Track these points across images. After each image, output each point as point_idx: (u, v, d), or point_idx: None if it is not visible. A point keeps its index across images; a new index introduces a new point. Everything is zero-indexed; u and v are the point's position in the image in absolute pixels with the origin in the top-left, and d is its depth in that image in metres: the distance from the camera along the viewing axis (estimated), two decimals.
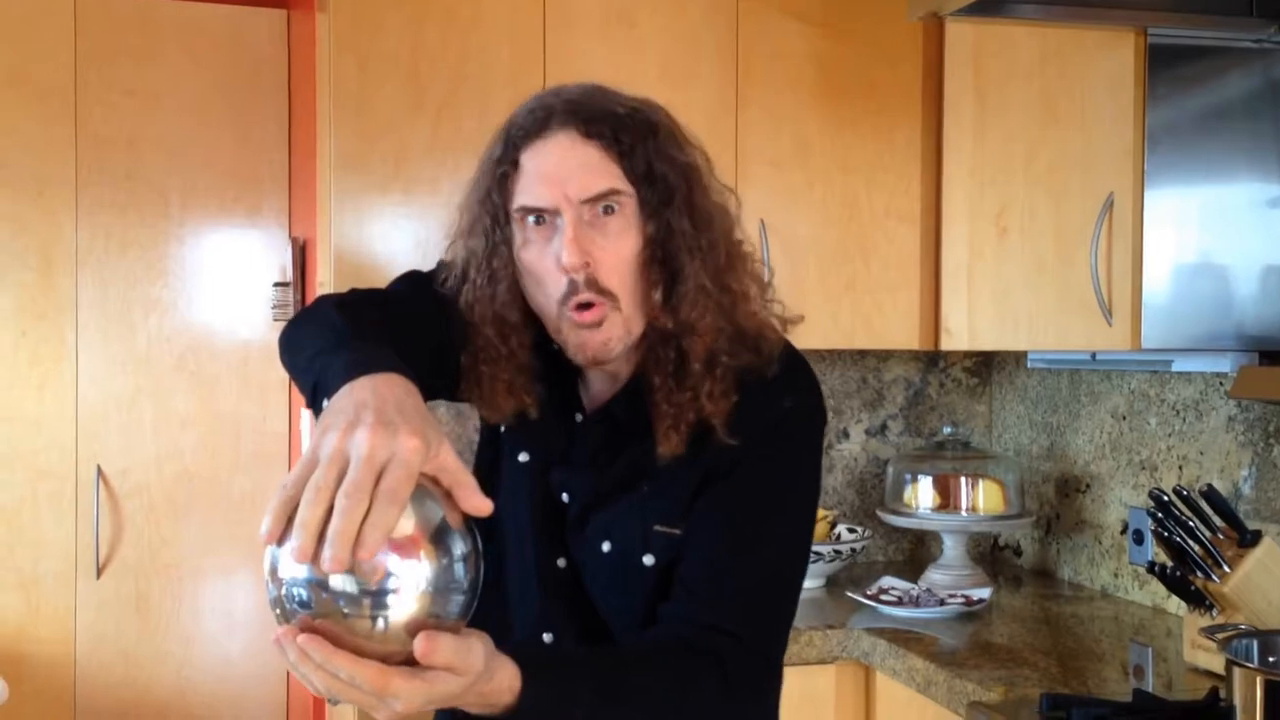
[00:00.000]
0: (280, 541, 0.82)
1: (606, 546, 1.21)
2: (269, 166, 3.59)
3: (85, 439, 3.46)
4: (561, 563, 1.24)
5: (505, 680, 0.94)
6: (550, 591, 1.24)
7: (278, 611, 0.85)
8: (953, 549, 2.62)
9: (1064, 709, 1.69)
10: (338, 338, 1.03)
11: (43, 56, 3.41)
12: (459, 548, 0.86)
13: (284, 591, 0.83)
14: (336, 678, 0.82)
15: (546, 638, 1.24)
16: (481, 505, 0.87)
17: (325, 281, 2.50)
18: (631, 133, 1.14)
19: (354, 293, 1.22)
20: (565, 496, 1.24)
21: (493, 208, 1.17)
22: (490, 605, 0.97)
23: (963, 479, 2.60)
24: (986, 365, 3.02)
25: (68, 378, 3.46)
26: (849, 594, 2.45)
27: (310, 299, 2.96)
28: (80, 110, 3.44)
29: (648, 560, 1.19)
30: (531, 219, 1.15)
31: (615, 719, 1.05)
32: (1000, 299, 2.40)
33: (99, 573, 3.46)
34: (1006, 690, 1.85)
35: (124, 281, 3.51)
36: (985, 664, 2.00)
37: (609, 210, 1.13)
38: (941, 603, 2.38)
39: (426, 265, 2.55)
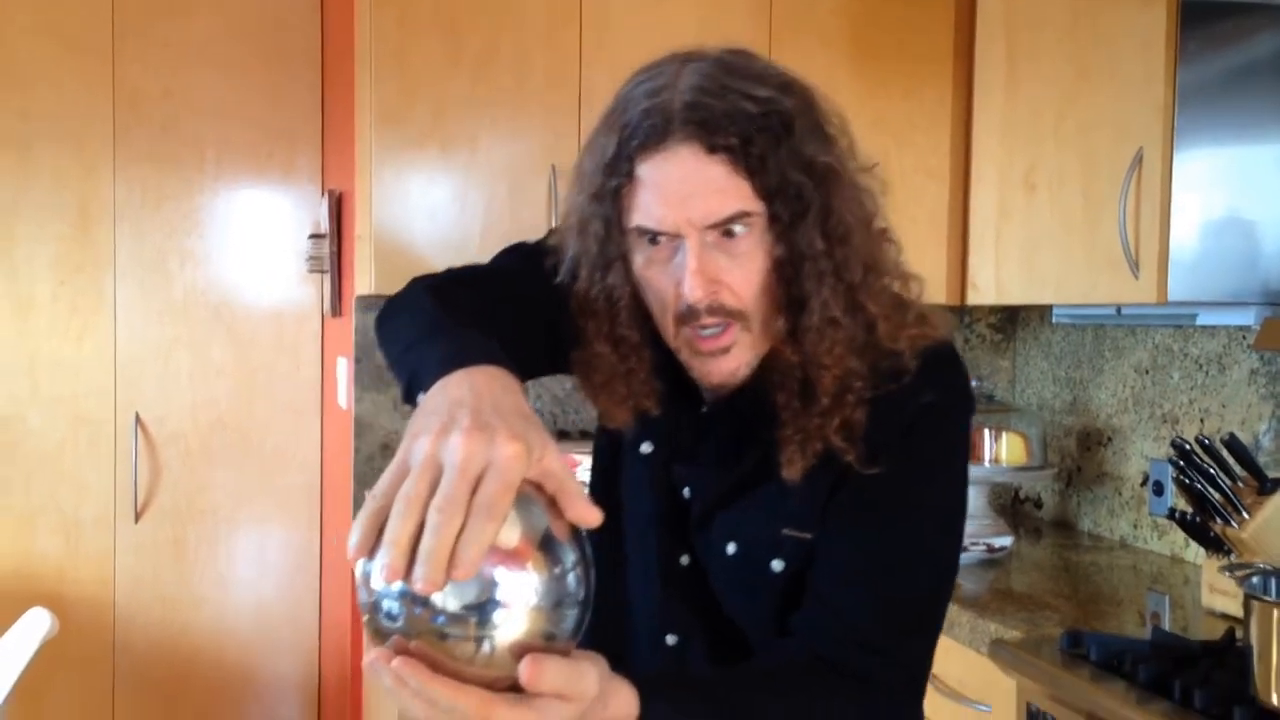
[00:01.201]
0: (371, 554, 0.74)
1: (732, 548, 1.12)
2: (302, 120, 3.64)
3: (124, 387, 3.54)
4: (685, 560, 1.16)
5: (623, 706, 0.85)
6: (673, 590, 1.17)
7: (366, 618, 0.77)
8: (975, 499, 2.68)
9: (1084, 645, 1.75)
10: (432, 325, 0.95)
11: (80, 10, 3.46)
12: (569, 558, 0.77)
13: (375, 602, 0.75)
14: (435, 705, 0.74)
15: (670, 640, 1.16)
16: (589, 515, 0.77)
17: (363, 234, 2.56)
18: (763, 139, 0.99)
19: (450, 272, 1.12)
20: (687, 492, 1.16)
21: (605, 217, 1.05)
22: (610, 607, 0.90)
23: (986, 431, 2.65)
24: (1011, 321, 3.07)
25: (106, 327, 3.53)
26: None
27: (346, 251, 3.02)
28: (118, 64, 3.50)
29: (776, 565, 1.10)
30: (649, 238, 1.04)
31: None
32: (1028, 255, 2.44)
33: (137, 517, 3.55)
34: (1028, 630, 1.91)
35: (160, 233, 3.58)
36: (1007, 607, 2.06)
37: (735, 231, 1.01)
38: (964, 549, 2.44)
39: (464, 220, 2.61)
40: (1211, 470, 1.94)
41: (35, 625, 2.41)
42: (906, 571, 1.07)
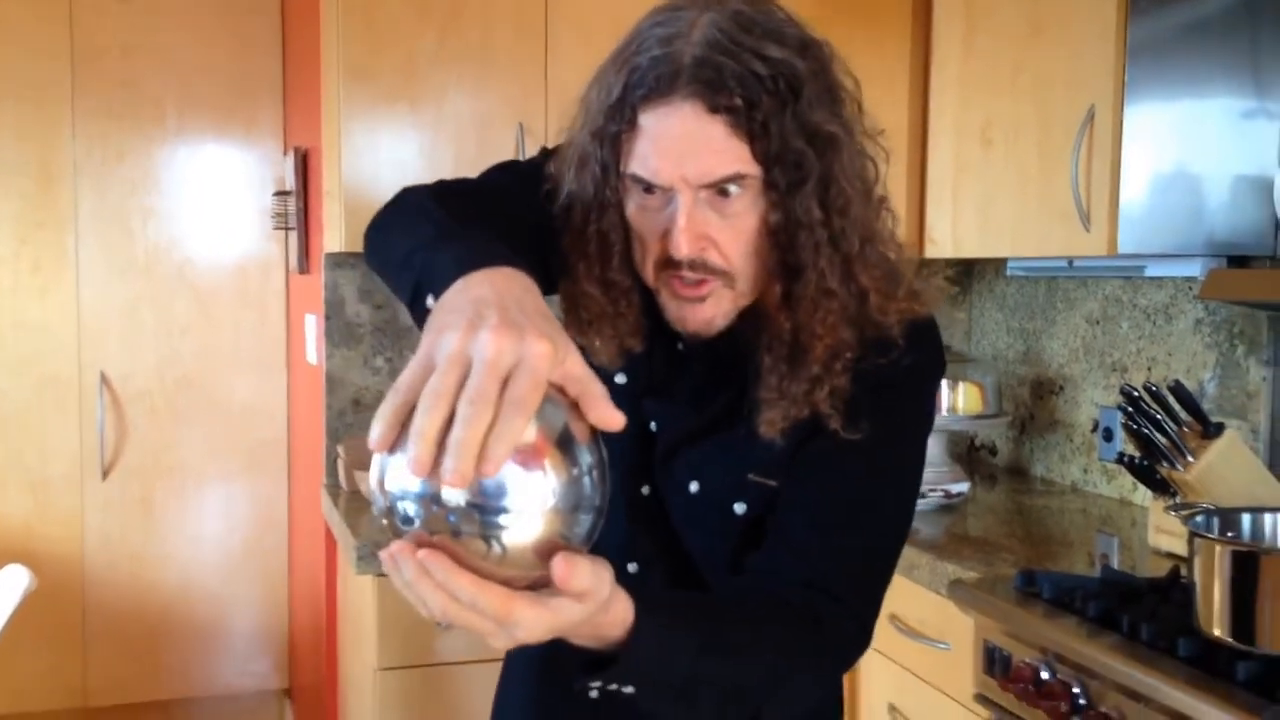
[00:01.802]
0: (391, 450, 0.74)
1: (695, 487, 1.14)
2: (263, 76, 3.63)
3: (88, 345, 3.55)
4: (645, 490, 1.16)
5: (620, 613, 0.86)
6: (635, 519, 1.17)
7: (385, 523, 0.76)
8: (933, 447, 2.75)
9: (1037, 584, 1.84)
10: (438, 230, 0.94)
11: None
12: (587, 461, 0.77)
13: (392, 505, 0.75)
14: (456, 599, 0.74)
15: (631, 568, 1.17)
16: (613, 418, 0.77)
17: (332, 191, 2.58)
18: (768, 102, 0.98)
19: (441, 184, 1.11)
20: (654, 426, 1.16)
21: (603, 160, 1.05)
22: None
23: (944, 381, 2.72)
24: (967, 274, 3.14)
25: (69, 285, 3.53)
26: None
27: (313, 209, 3.03)
28: (75, 18, 3.47)
29: (739, 508, 1.12)
30: (642, 186, 1.04)
31: (718, 670, 0.96)
32: (983, 208, 2.51)
33: (105, 475, 3.57)
34: (984, 570, 1.99)
35: (121, 190, 3.57)
36: (964, 549, 2.15)
37: (730, 190, 1.01)
38: (922, 496, 2.52)
39: (433, 175, 2.63)
40: (1159, 416, 2.02)
41: (13, 581, 2.44)
42: (870, 523, 1.10)
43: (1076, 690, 1.65)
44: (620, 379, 1.17)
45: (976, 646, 1.88)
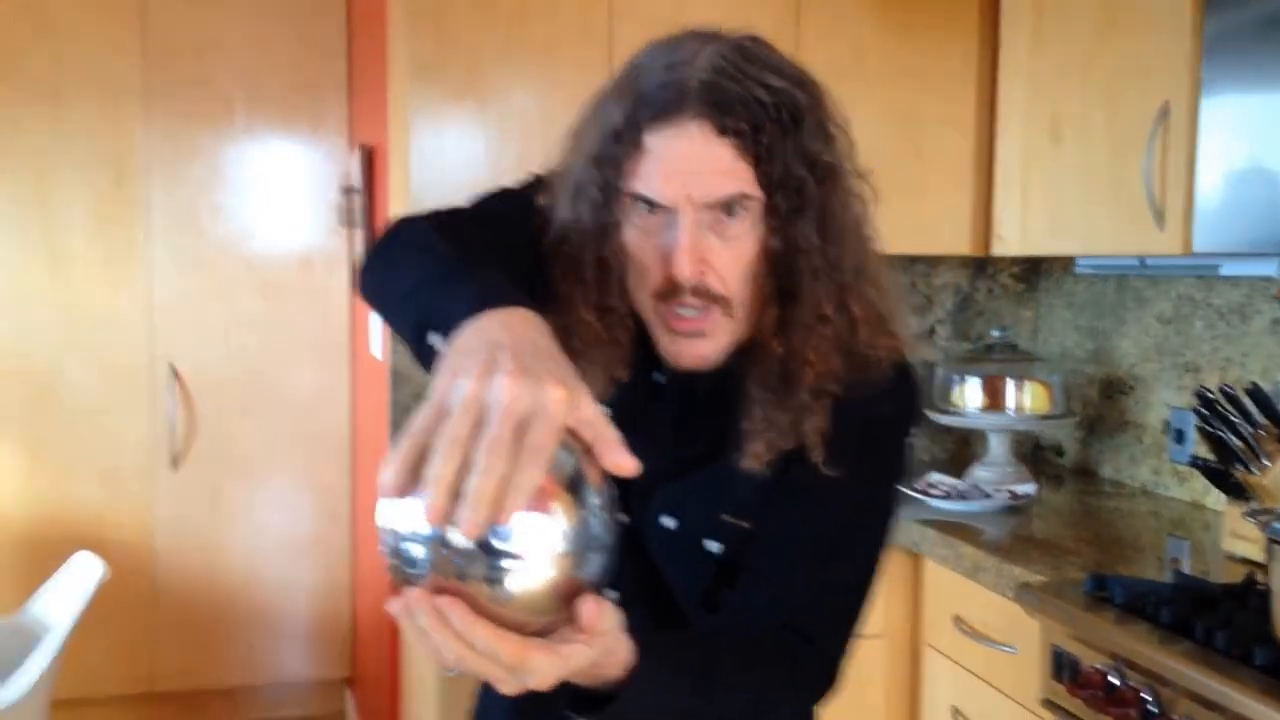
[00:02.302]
0: (403, 494, 0.73)
1: (670, 523, 1.14)
2: (329, 74, 3.68)
3: (158, 338, 3.62)
4: (622, 518, 1.17)
5: (621, 653, 0.86)
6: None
7: (392, 564, 0.76)
8: (998, 447, 2.73)
9: (1108, 588, 1.81)
10: (443, 266, 0.93)
11: None
12: (596, 503, 0.77)
13: (398, 545, 0.74)
14: (472, 648, 0.74)
15: (611, 595, 1.20)
16: (627, 464, 0.77)
17: (399, 189, 2.60)
18: (772, 129, 1.01)
19: (437, 214, 1.11)
20: None
21: (604, 181, 1.05)
22: None
23: (1009, 380, 2.69)
24: (1034, 272, 3.10)
25: (140, 278, 3.60)
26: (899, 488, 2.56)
27: (380, 206, 3.06)
28: (148, 18, 3.53)
29: (712, 547, 1.12)
30: (644, 206, 1.04)
31: (703, 710, 0.99)
32: (1053, 205, 2.47)
33: (174, 465, 3.63)
34: (1053, 574, 1.97)
35: (191, 186, 3.63)
36: (1031, 551, 2.12)
37: (732, 212, 1.02)
38: (988, 496, 2.49)
39: (499, 173, 2.64)
40: (1234, 418, 1.98)
41: (86, 570, 2.49)
42: (846, 565, 1.11)
43: (1147, 697, 1.62)
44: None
45: (1044, 651, 1.86)
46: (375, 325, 3.14)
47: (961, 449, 3.12)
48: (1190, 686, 1.54)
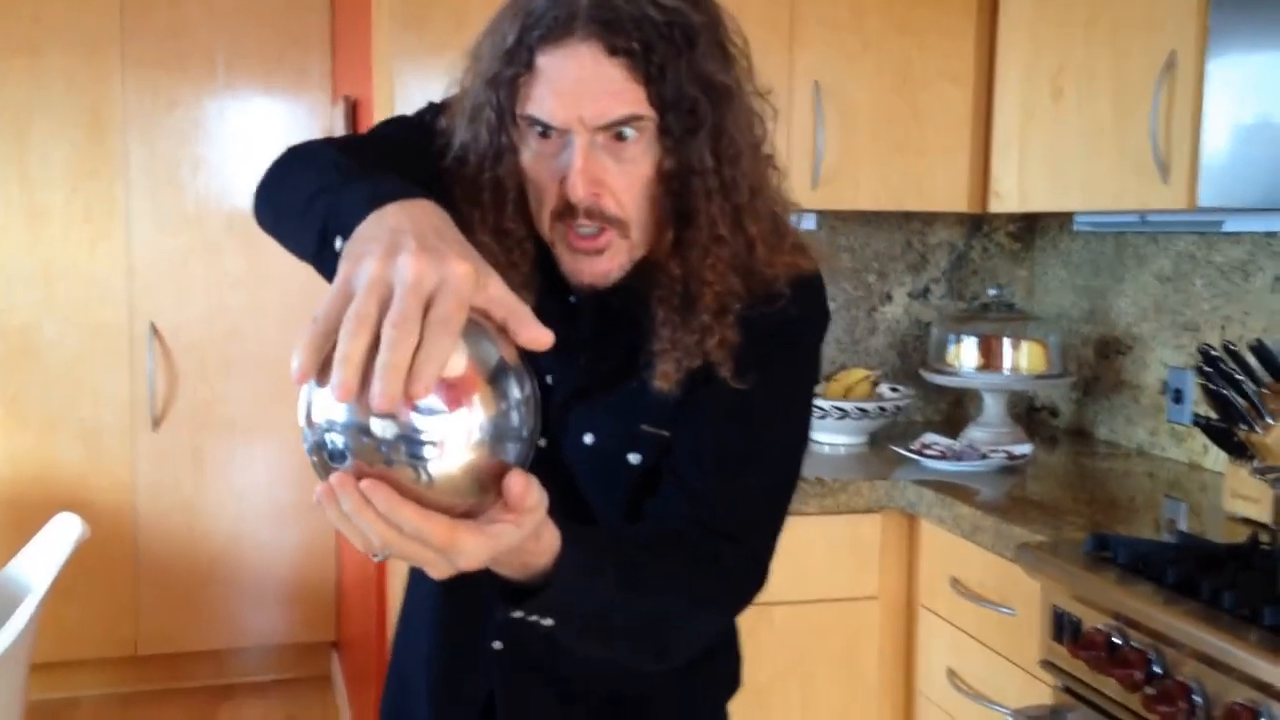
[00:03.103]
0: (318, 381, 0.73)
1: (589, 439, 1.14)
2: (313, 25, 3.59)
3: (138, 295, 3.55)
4: (542, 442, 1.13)
5: (548, 540, 0.88)
6: (537, 473, 1.16)
7: (314, 459, 0.75)
8: (993, 407, 2.70)
9: (1109, 548, 1.78)
10: (343, 174, 0.92)
11: None
12: (515, 390, 0.76)
13: (320, 438, 0.74)
14: (399, 531, 0.73)
15: None
16: (542, 337, 0.77)
17: None
18: (664, 48, 1.00)
19: (330, 140, 1.11)
20: (549, 379, 1.15)
21: (498, 103, 1.03)
22: None
23: (1006, 339, 2.65)
24: (1029, 230, 3.06)
25: (119, 235, 3.53)
26: (893, 448, 2.52)
27: None
28: None
29: (633, 459, 1.14)
30: (538, 129, 1.02)
31: (632, 602, 1.00)
32: (1053, 160, 2.42)
33: (155, 425, 3.58)
34: (1052, 534, 1.93)
35: (171, 140, 3.55)
36: (1029, 512, 2.09)
37: (625, 135, 1.01)
38: (984, 457, 2.46)
39: None
40: (1238, 376, 1.95)
41: (66, 530, 2.44)
42: (762, 465, 1.13)
43: (1151, 658, 1.59)
44: None
45: (1044, 612, 1.83)
46: None
47: (955, 409, 3.09)
48: (1197, 647, 1.51)
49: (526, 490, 0.78)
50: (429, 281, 0.71)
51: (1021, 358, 2.65)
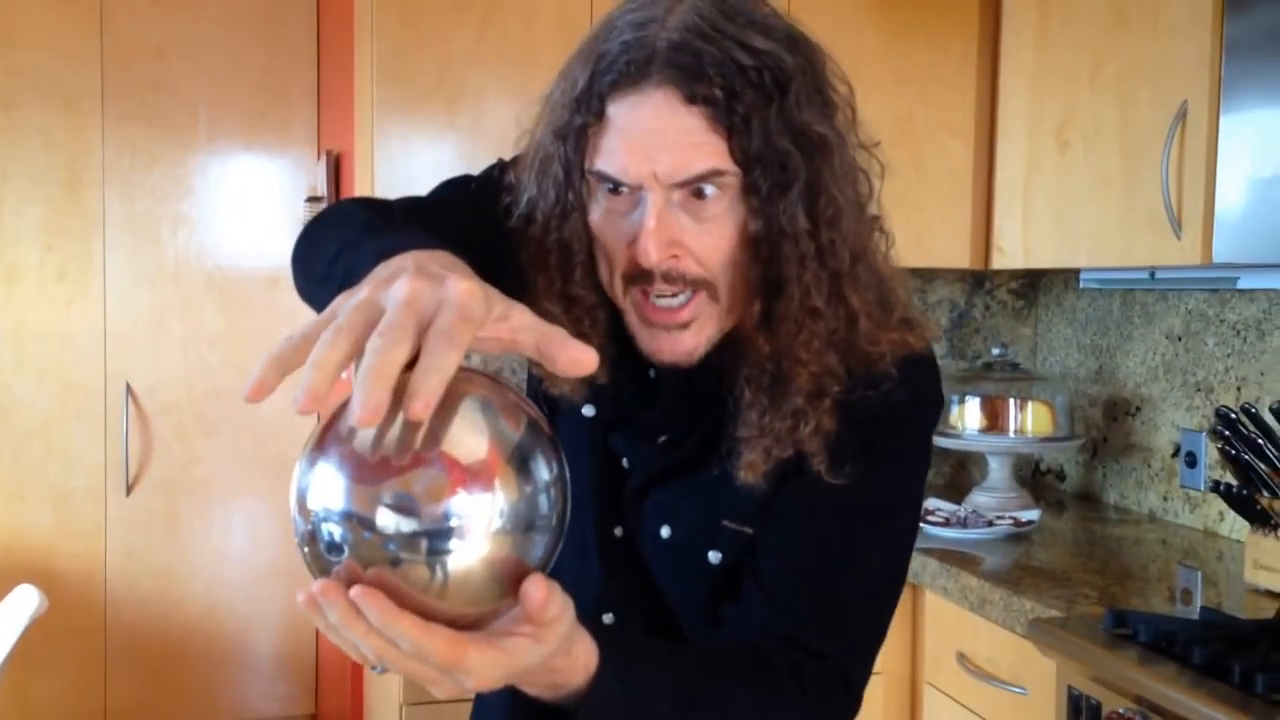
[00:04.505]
0: (313, 458, 0.64)
1: (666, 532, 1.03)
2: (298, 79, 3.52)
3: (114, 355, 3.44)
4: (618, 531, 1.06)
5: (582, 657, 0.76)
6: (610, 566, 1.06)
7: (305, 552, 0.66)
8: (998, 471, 2.59)
9: (1129, 625, 1.66)
10: (364, 230, 0.83)
11: None
12: (543, 472, 0.66)
13: (314, 528, 0.64)
14: (395, 646, 0.63)
15: (607, 619, 1.06)
16: (584, 357, 0.64)
17: (364, 195, 2.45)
18: (751, 95, 0.88)
19: (385, 202, 1.01)
20: (626, 463, 1.06)
21: (566, 156, 0.93)
22: None
23: (1011, 400, 2.55)
24: (1033, 287, 2.97)
25: (95, 293, 3.42)
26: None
27: None
28: (106, 19, 3.37)
29: (713, 557, 1.01)
30: (608, 186, 0.92)
31: None
32: (1059, 215, 2.33)
33: (129, 490, 3.45)
34: (1066, 608, 1.82)
35: (151, 197, 3.46)
36: (1041, 583, 1.97)
37: (705, 193, 0.90)
38: (989, 524, 2.34)
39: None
40: (1259, 440, 1.84)
41: (23, 603, 2.31)
42: (856, 573, 0.99)
43: None
44: (588, 410, 1.06)
45: (1059, 693, 1.71)
46: None
47: (958, 473, 2.98)
48: None
49: (548, 599, 0.66)
50: (426, 298, 0.60)
51: (1027, 419, 2.55)
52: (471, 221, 0.97)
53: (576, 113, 0.92)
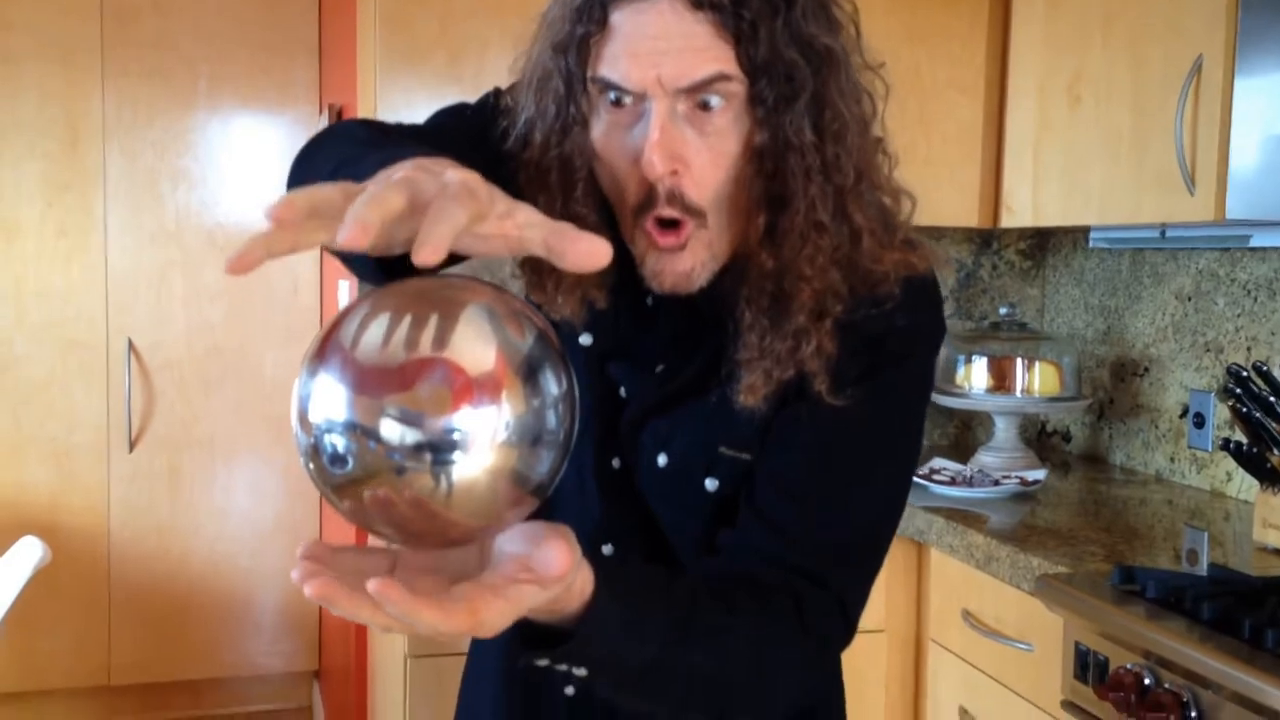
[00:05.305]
0: (314, 368, 0.63)
1: (663, 460, 1.01)
2: (299, 34, 3.49)
3: (115, 311, 3.42)
4: (616, 463, 1.04)
5: (580, 584, 0.76)
6: (609, 496, 1.05)
7: (310, 466, 0.65)
8: (1004, 431, 2.58)
9: (1137, 581, 1.65)
10: (365, 146, 0.83)
11: None
12: (551, 385, 0.65)
13: (318, 440, 0.63)
14: (413, 628, 0.63)
15: (606, 549, 1.05)
16: (597, 249, 0.62)
17: None
18: (757, 3, 0.87)
19: (380, 124, 1.00)
20: (623, 392, 1.04)
21: (568, 71, 0.91)
22: (540, 513, 0.75)
23: (1019, 360, 2.54)
24: (1041, 248, 2.95)
25: (96, 249, 3.41)
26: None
27: None
28: None
29: (710, 485, 1.00)
30: (611, 96, 0.90)
31: (687, 657, 0.85)
32: (1069, 172, 2.31)
33: (131, 446, 3.45)
34: (1073, 565, 1.81)
35: (152, 153, 3.44)
36: (1047, 541, 1.96)
37: (710, 104, 0.88)
38: (995, 483, 2.34)
39: None
40: (1270, 398, 1.83)
41: (27, 554, 2.31)
42: (854, 499, 0.97)
43: (1187, 700, 1.46)
44: (585, 339, 1.04)
45: (1066, 649, 1.70)
46: (344, 298, 2.96)
47: (963, 433, 2.97)
48: (1238, 689, 1.39)
49: (572, 563, 0.68)
50: (425, 180, 0.60)
51: (1035, 379, 2.54)
52: (469, 147, 0.94)
53: (578, 23, 0.90)
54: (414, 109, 2.36)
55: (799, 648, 0.93)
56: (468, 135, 0.99)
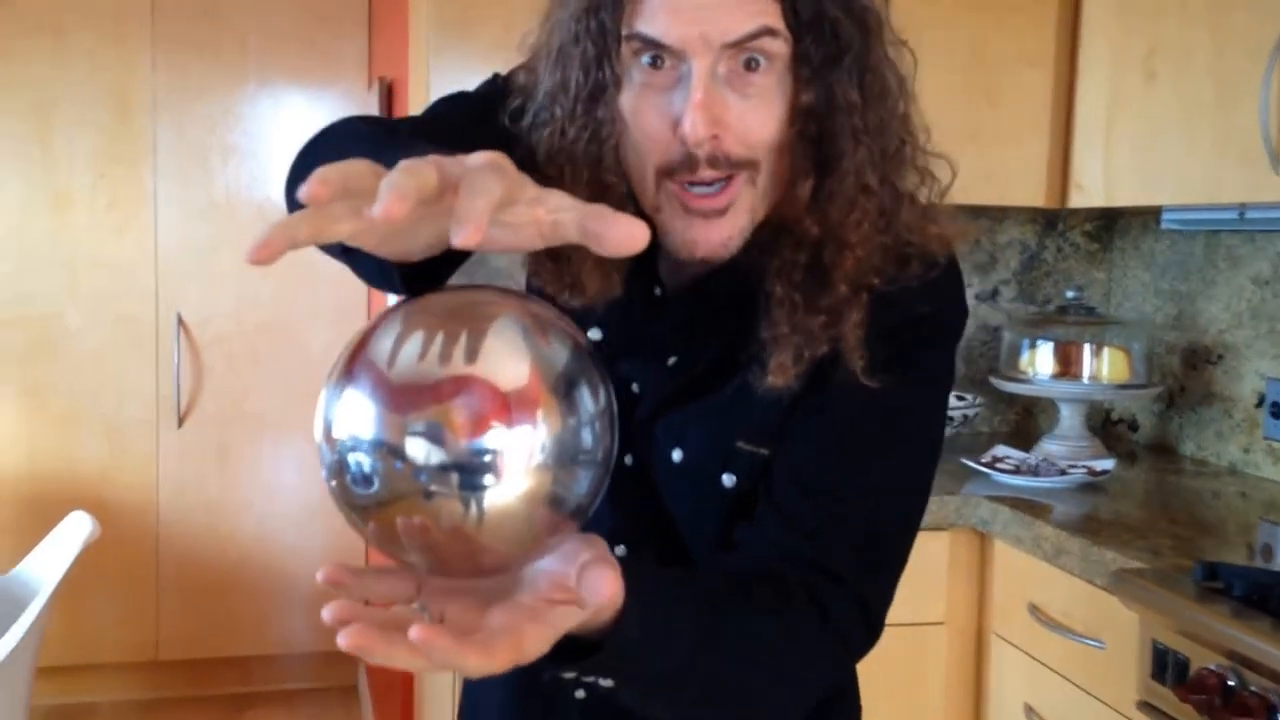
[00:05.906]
0: (341, 385, 0.60)
1: (678, 456, 0.97)
2: (349, 5, 3.45)
3: (165, 286, 3.42)
4: (628, 460, 0.99)
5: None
6: (622, 495, 0.96)
7: (332, 485, 0.61)
8: (1070, 419, 2.49)
9: (1220, 578, 1.58)
10: (369, 144, 0.78)
11: None
12: (588, 402, 0.62)
13: (342, 458, 0.60)
14: (462, 669, 0.60)
15: (619, 551, 1.00)
16: (636, 231, 0.58)
17: None
18: None
19: (379, 120, 0.96)
20: (635, 387, 0.99)
21: (599, 29, 0.86)
22: None
23: (1086, 346, 2.45)
24: (1108, 229, 2.85)
25: (147, 222, 3.40)
26: (964, 461, 2.33)
27: None
28: None
29: (727, 480, 0.96)
30: (647, 57, 0.85)
31: (707, 665, 0.81)
32: (1143, 150, 2.22)
33: (180, 421, 3.44)
34: (1151, 559, 1.73)
35: (201, 125, 3.42)
36: (1121, 534, 1.89)
37: (754, 64, 0.84)
38: (1062, 473, 2.26)
39: None
40: None
41: (76, 529, 2.30)
42: (880, 490, 0.93)
43: (1275, 703, 1.39)
44: (594, 334, 0.98)
45: (1142, 647, 1.63)
46: None
47: (1026, 420, 2.88)
48: None
49: (618, 592, 0.67)
50: (450, 164, 0.56)
51: (1102, 366, 2.45)
52: (477, 130, 0.91)
53: None
54: (467, 82, 2.29)
55: (817, 653, 0.90)
56: (471, 119, 0.95)
